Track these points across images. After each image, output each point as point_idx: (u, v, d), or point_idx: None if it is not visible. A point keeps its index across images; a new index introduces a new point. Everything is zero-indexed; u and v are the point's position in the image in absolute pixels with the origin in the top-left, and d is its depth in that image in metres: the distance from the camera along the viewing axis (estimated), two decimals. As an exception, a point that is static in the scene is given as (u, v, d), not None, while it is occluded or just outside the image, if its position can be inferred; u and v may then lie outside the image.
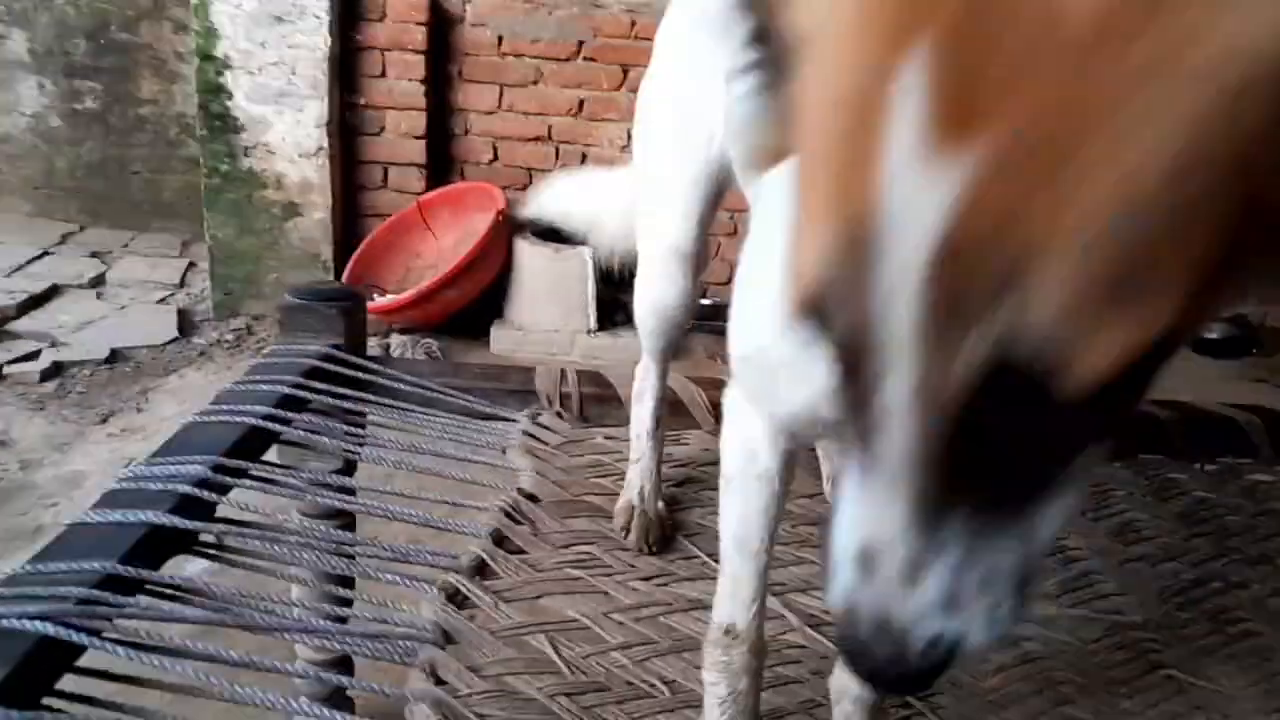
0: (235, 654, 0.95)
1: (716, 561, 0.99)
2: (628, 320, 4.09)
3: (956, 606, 0.44)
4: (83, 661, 0.91)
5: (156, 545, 1.04)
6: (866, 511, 0.45)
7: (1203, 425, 1.77)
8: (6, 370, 3.48)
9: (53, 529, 2.58)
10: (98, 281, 4.37)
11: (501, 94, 4.19)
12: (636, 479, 1.44)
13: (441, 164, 4.27)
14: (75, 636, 0.88)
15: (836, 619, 0.48)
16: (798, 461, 0.95)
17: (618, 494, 1.46)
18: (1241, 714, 1.16)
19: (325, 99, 3.89)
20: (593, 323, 3.94)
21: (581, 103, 4.19)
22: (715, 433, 1.22)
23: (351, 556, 1.19)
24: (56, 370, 3.54)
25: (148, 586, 1.00)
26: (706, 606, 1.02)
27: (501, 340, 3.97)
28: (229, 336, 4.01)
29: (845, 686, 1.05)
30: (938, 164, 0.36)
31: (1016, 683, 1.19)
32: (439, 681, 1.02)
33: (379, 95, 4.05)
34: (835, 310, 0.42)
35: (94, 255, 4.66)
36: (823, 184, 0.41)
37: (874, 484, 0.44)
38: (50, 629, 0.87)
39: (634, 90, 4.18)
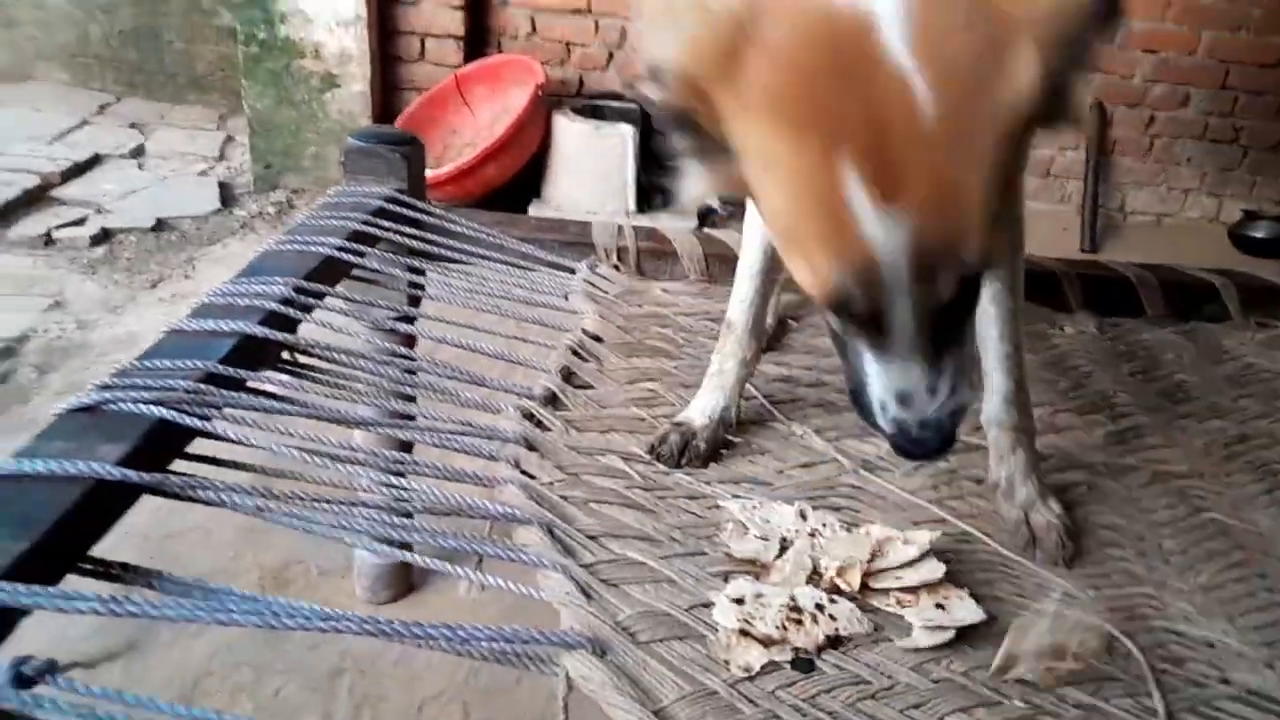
0: (331, 446, 1.00)
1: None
2: (666, 204, 4.09)
3: (954, 394, 0.84)
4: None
5: (248, 353, 1.09)
6: (894, 374, 0.83)
7: (1253, 292, 1.78)
8: (56, 234, 3.53)
9: (111, 382, 2.66)
10: (138, 152, 4.38)
11: (541, -37, 4.10)
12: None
13: (479, 36, 4.21)
14: (188, 420, 0.93)
15: (890, 436, 0.87)
16: None
17: (678, 341, 1.50)
18: (1282, 552, 1.20)
19: (363, -36, 3.82)
20: (632, 205, 3.93)
21: (624, -26, 4.10)
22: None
23: (414, 390, 1.24)
24: (105, 236, 3.59)
25: (247, 388, 1.05)
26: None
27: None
28: (270, 209, 4.03)
29: (988, 416, 1.23)
30: (889, 212, 0.72)
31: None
32: (523, 472, 1.08)
33: (417, -38, 3.97)
34: (855, 295, 0.77)
35: (132, 126, 4.66)
36: (816, 238, 0.76)
37: (893, 359, 0.82)
38: (165, 413, 0.92)
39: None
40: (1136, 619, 1.04)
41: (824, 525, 1.05)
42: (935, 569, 0.99)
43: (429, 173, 3.81)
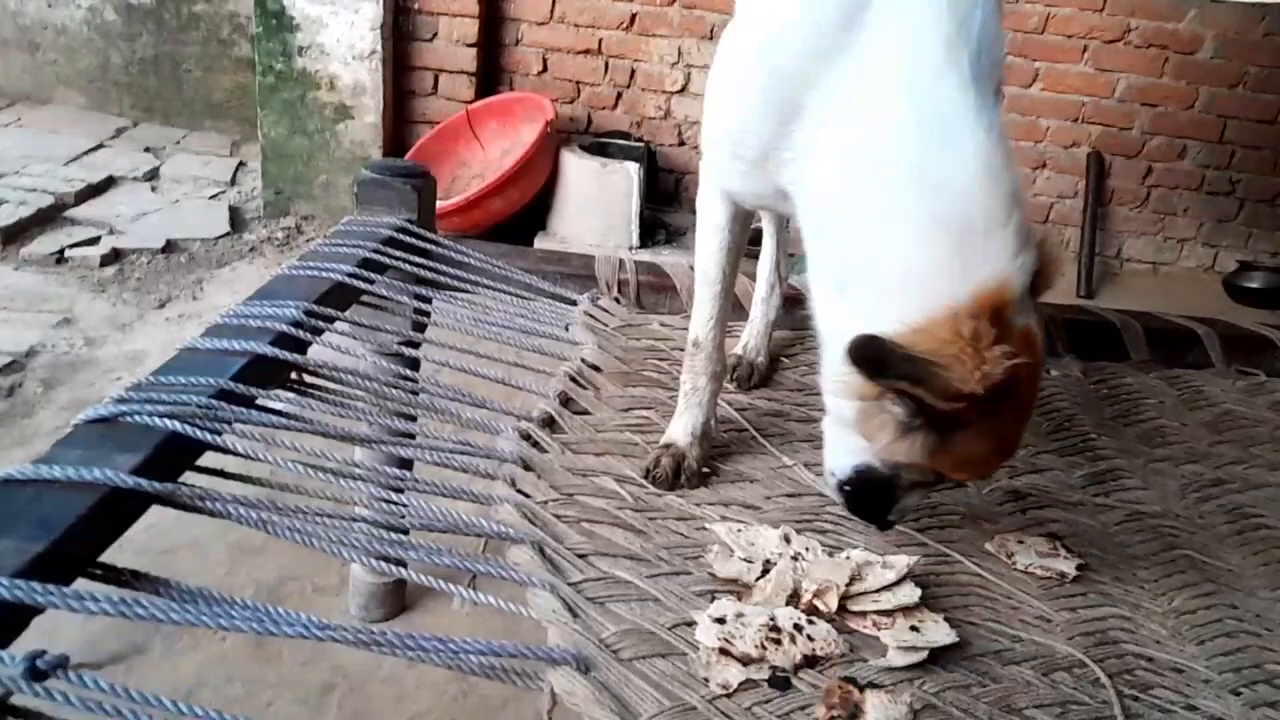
0: (334, 462, 1.05)
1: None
2: (669, 239, 4.16)
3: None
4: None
5: (259, 372, 1.14)
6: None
7: (1235, 341, 1.83)
8: (69, 253, 3.59)
9: (118, 400, 2.71)
10: (151, 175, 4.46)
11: (554, 5, 4.19)
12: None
13: (491, 74, 4.30)
14: (199, 434, 0.98)
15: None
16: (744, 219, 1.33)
17: (673, 373, 1.54)
18: (1250, 589, 1.24)
19: (380, 1, 3.92)
20: (635, 239, 3.99)
21: (633, 17, 4.19)
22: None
23: (416, 411, 1.28)
24: (115, 256, 3.65)
25: (256, 405, 1.09)
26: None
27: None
28: (279, 234, 4.10)
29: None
30: None
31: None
32: (518, 491, 1.12)
33: (433, 0, 4.07)
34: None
35: (147, 150, 4.74)
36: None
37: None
38: (178, 426, 0.97)
39: (686, 6, 4.17)
40: (1108, 643, 1.08)
41: (807, 549, 1.10)
42: (911, 593, 1.03)
43: (438, 203, 3.89)
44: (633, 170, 3.91)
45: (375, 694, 1.86)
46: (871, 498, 1.12)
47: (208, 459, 1.03)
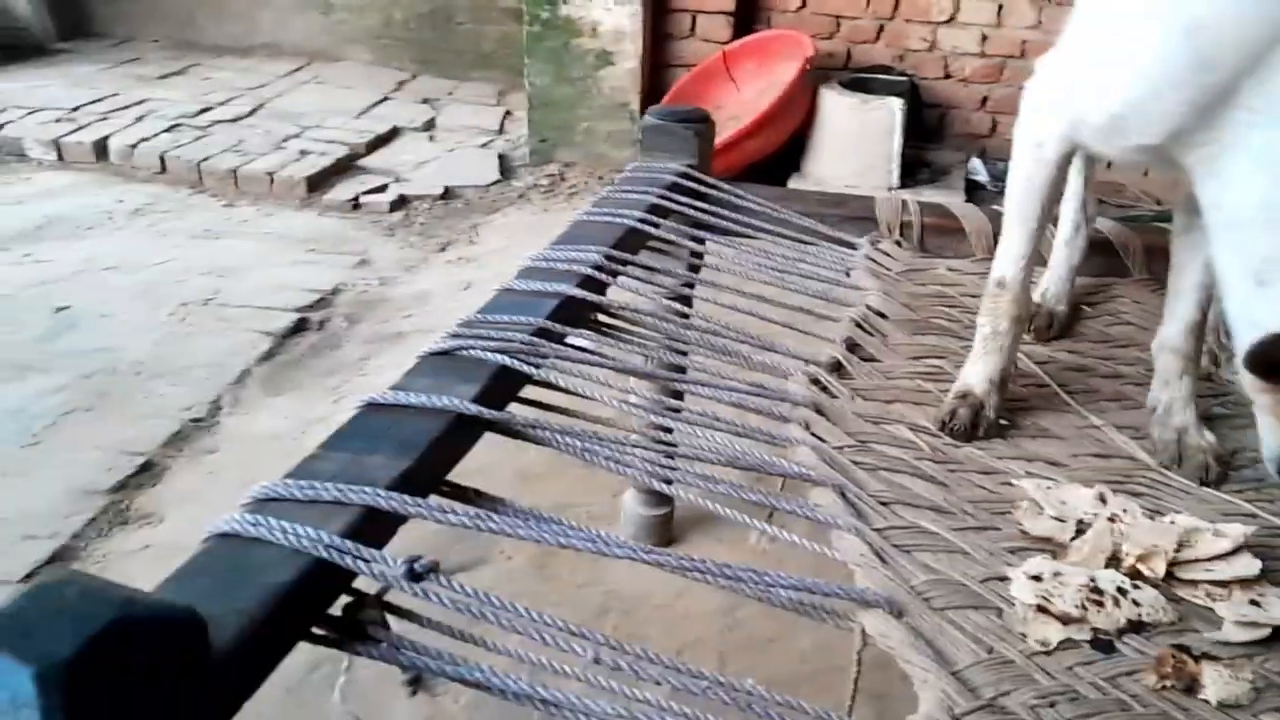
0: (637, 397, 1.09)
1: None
2: (931, 179, 3.99)
3: None
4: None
5: (568, 312, 1.20)
6: None
7: None
8: (363, 200, 3.93)
9: (411, 335, 2.97)
10: (429, 125, 4.78)
11: (815, -62, 4.08)
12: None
13: (748, 12, 4.26)
14: (525, 368, 1.05)
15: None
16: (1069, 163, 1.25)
17: (965, 321, 1.49)
18: None
19: (642, -54, 3.97)
20: (895, 179, 3.86)
21: (900, -55, 4.01)
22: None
23: (707, 353, 1.31)
24: (401, 202, 3.96)
25: (565, 342, 1.16)
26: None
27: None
28: (543, 181, 4.29)
29: (1163, 341, 1.29)
30: None
31: None
32: (814, 435, 1.13)
33: (692, -58, 4.07)
34: None
35: (425, 101, 5.08)
36: None
37: None
38: (507, 360, 1.05)
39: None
40: None
41: (1125, 511, 1.03)
42: (1251, 565, 0.95)
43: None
44: (895, 106, 3.77)
45: (647, 620, 1.95)
46: None
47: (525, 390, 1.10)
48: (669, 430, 1.10)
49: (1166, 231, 1.37)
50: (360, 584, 0.80)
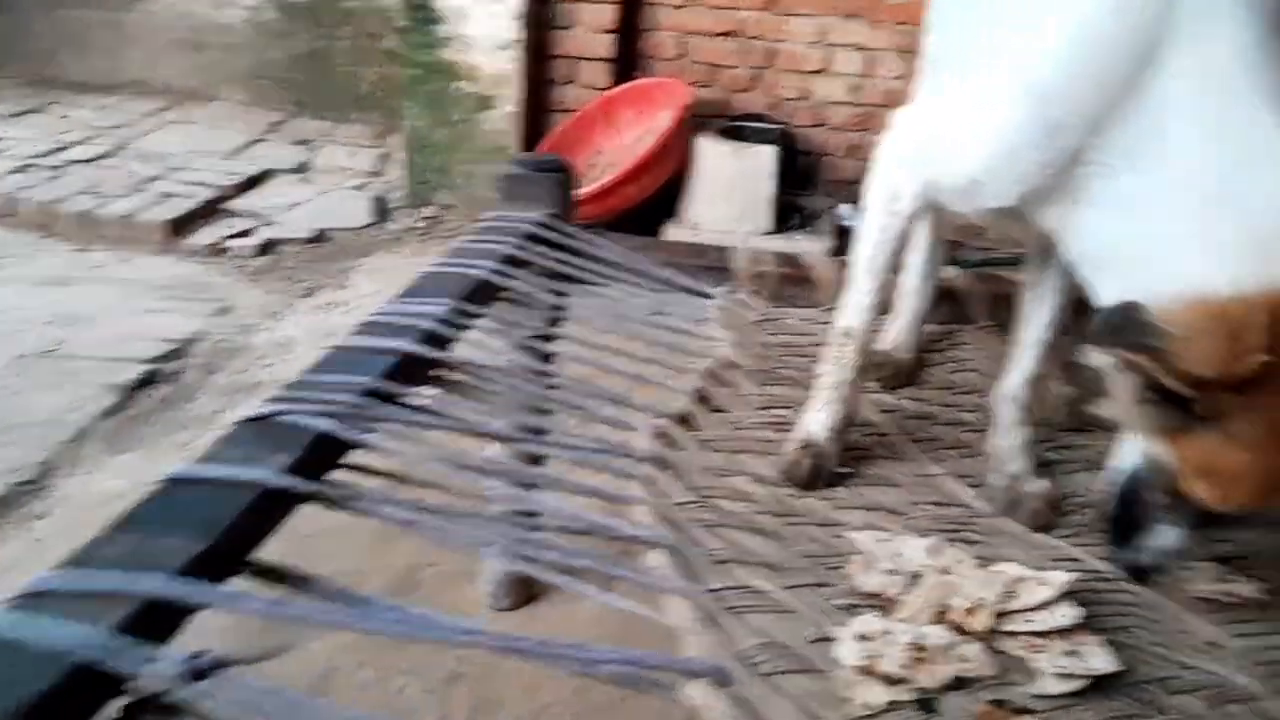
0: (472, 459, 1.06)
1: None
2: (803, 224, 4.08)
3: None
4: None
5: (406, 369, 1.16)
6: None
7: None
8: (227, 244, 3.80)
9: (269, 385, 2.85)
10: (303, 167, 4.67)
11: (691, -13, 4.16)
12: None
13: (628, 59, 4.30)
14: (349, 433, 1.00)
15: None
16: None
17: (812, 371, 1.50)
18: None
19: (522, -9, 3.98)
20: (768, 224, 3.93)
21: (774, -4, 4.11)
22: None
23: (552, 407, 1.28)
24: (269, 246, 3.84)
25: (399, 402, 1.12)
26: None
27: (675, 239, 4.02)
28: (420, 223, 4.22)
29: (1004, 391, 1.32)
30: None
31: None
32: (654, 491, 1.11)
33: (572, -12, 4.10)
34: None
35: (300, 143, 4.96)
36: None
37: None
38: (328, 425, 1.00)
39: (830, -17, 4.06)
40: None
41: (959, 562, 1.04)
42: (1070, 614, 0.97)
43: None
44: (768, 154, 3.85)
45: (502, 684, 1.89)
46: (1125, 500, 1.04)
47: (353, 455, 1.05)
48: (530, 491, 1.07)
49: (1012, 280, 1.41)
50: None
